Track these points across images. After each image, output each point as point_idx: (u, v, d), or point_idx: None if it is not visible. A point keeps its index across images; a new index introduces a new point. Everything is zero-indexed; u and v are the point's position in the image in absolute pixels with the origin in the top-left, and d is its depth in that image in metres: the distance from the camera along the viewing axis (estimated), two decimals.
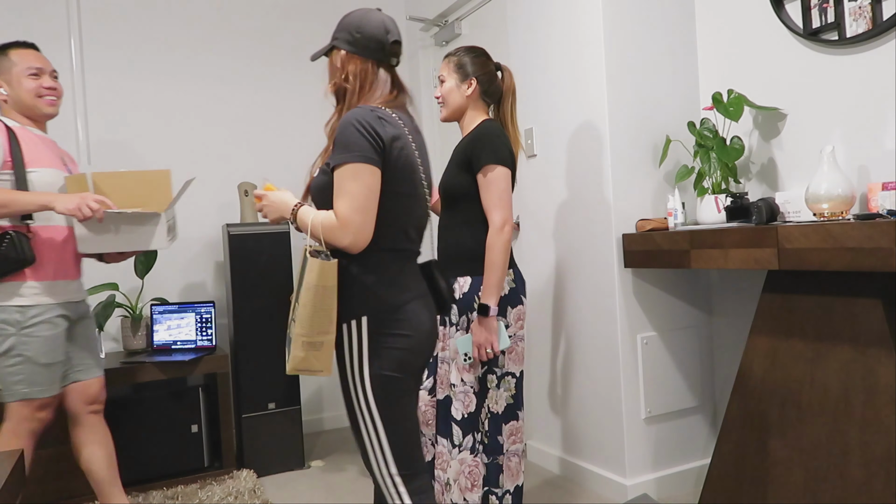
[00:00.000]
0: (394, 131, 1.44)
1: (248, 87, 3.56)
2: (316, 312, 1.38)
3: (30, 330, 2.02)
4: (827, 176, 1.89)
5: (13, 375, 2.01)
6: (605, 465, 2.56)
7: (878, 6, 2.02)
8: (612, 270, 2.47)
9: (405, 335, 1.45)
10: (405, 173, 1.46)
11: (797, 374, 1.99)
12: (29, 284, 2.03)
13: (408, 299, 1.47)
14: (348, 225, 1.38)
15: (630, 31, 2.50)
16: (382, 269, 1.46)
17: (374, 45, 1.51)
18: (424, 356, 1.51)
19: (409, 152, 1.47)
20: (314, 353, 1.41)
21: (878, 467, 1.77)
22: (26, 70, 2.11)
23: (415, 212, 1.51)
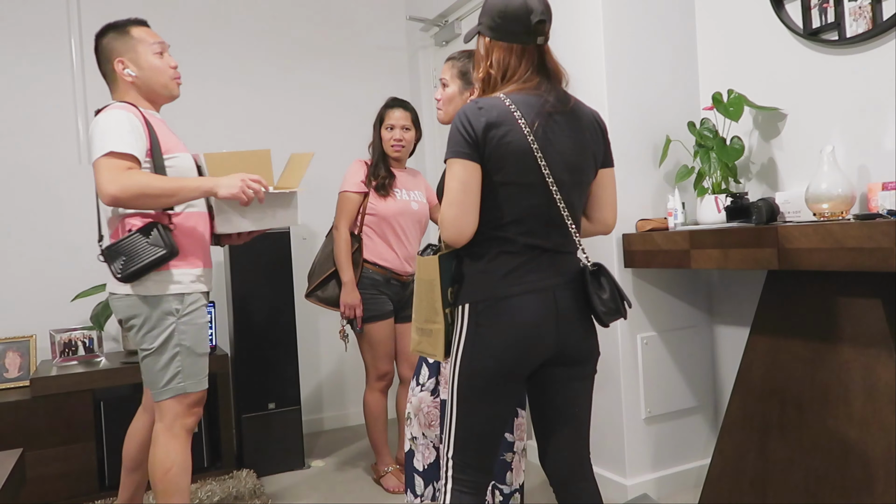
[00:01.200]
0: (492, 120, 1.39)
1: (249, 87, 3.56)
2: (421, 302, 1.50)
3: (188, 318, 1.94)
4: (827, 176, 1.89)
5: (170, 370, 1.92)
6: (605, 465, 2.56)
7: (878, 6, 2.02)
8: (612, 270, 2.46)
9: (501, 329, 1.40)
10: (506, 161, 1.40)
11: (797, 374, 1.99)
12: (185, 272, 1.94)
13: (515, 293, 1.40)
14: (443, 220, 1.40)
15: (630, 31, 2.50)
16: (487, 259, 1.43)
17: (518, 27, 1.44)
18: (527, 353, 1.42)
19: (515, 138, 1.39)
20: (426, 338, 1.51)
21: (878, 467, 1.77)
22: (151, 48, 1.98)
23: (524, 201, 1.42)
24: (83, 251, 3.15)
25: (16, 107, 3.09)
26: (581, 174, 1.50)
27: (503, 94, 1.44)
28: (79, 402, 2.66)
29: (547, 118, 1.44)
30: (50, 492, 2.61)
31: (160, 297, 1.90)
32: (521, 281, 1.41)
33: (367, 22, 3.85)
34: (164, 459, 1.93)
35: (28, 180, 3.10)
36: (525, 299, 1.41)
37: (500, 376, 1.42)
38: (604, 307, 1.44)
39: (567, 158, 1.46)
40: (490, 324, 1.41)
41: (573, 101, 1.52)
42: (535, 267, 1.44)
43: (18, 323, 3.02)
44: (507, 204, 1.42)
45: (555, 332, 1.43)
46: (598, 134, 1.56)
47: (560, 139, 1.45)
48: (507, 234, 1.43)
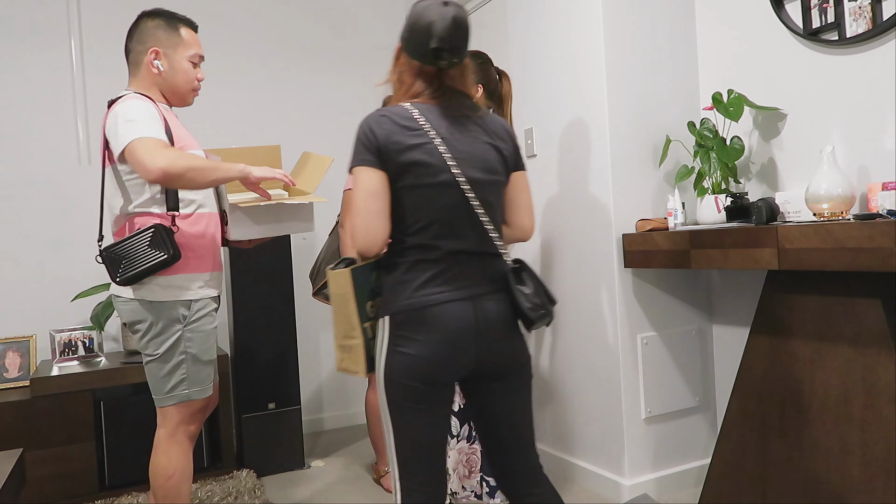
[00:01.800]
0: (396, 126, 1.39)
1: (248, 87, 3.56)
2: (337, 318, 1.46)
3: (195, 325, 1.88)
4: (827, 176, 1.89)
5: (174, 377, 1.87)
6: (604, 465, 2.56)
7: (878, 6, 2.02)
8: (612, 270, 2.47)
9: (420, 341, 1.37)
10: (413, 165, 1.38)
11: (797, 374, 1.99)
12: (192, 277, 1.88)
13: (432, 302, 1.37)
14: (353, 230, 1.40)
15: (630, 31, 2.50)
16: (404, 269, 1.41)
17: (419, 46, 1.43)
18: (449, 365, 1.39)
19: (420, 141, 1.39)
20: (347, 354, 1.47)
21: (878, 467, 1.77)
22: (190, 56, 1.95)
23: (437, 202, 1.40)
24: (83, 251, 3.15)
25: (16, 107, 3.09)
26: (495, 173, 1.47)
27: (409, 104, 1.43)
28: (79, 402, 2.66)
29: (452, 121, 1.44)
30: (50, 492, 2.61)
31: (166, 304, 1.84)
32: (440, 290, 1.38)
33: (367, 22, 3.85)
34: (167, 466, 1.90)
35: (28, 180, 3.10)
36: (444, 309, 1.37)
37: (424, 387, 1.39)
38: (528, 303, 1.41)
39: (478, 157, 1.44)
40: (409, 335, 1.38)
41: (479, 109, 1.51)
42: (456, 274, 1.40)
43: (18, 323, 3.02)
44: (419, 207, 1.40)
45: (475, 343, 1.40)
46: (508, 138, 1.54)
47: (468, 139, 1.44)
48: (424, 239, 1.40)
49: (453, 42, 1.41)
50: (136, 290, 1.84)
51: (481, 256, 1.44)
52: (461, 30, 1.43)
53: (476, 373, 1.45)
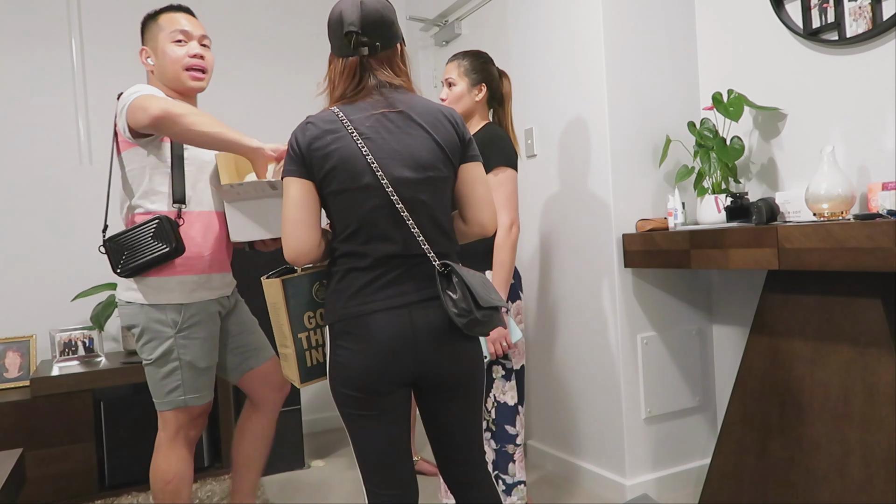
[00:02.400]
0: (318, 133, 1.35)
1: (248, 86, 3.56)
2: (274, 326, 1.49)
3: (188, 331, 1.82)
4: (827, 176, 1.89)
5: (170, 383, 1.83)
6: (604, 464, 2.56)
7: (878, 6, 2.02)
8: (612, 270, 2.47)
9: (356, 350, 1.35)
10: (335, 170, 1.34)
11: (797, 374, 1.99)
12: (185, 279, 1.81)
13: (365, 312, 1.34)
14: (284, 240, 1.38)
15: (630, 31, 2.50)
16: (338, 278, 1.39)
17: (336, 41, 1.41)
18: (383, 375, 1.35)
19: (342, 144, 1.34)
20: (284, 363, 1.50)
21: (878, 467, 1.77)
22: (170, 36, 1.85)
23: (362, 205, 1.35)
24: (83, 251, 3.15)
25: (16, 107, 3.09)
26: (429, 169, 1.38)
27: (336, 107, 1.40)
28: (79, 402, 2.66)
29: (379, 119, 1.38)
30: (50, 492, 2.61)
31: (157, 307, 1.80)
32: (372, 299, 1.35)
33: None
34: (166, 470, 1.88)
35: (28, 180, 3.10)
36: (377, 318, 1.34)
37: (363, 396, 1.37)
38: (455, 308, 1.31)
39: (406, 153, 1.37)
40: (346, 344, 1.36)
41: (413, 101, 1.43)
42: (389, 281, 1.36)
43: (18, 323, 3.02)
44: (345, 212, 1.37)
45: (412, 352, 1.35)
46: (450, 129, 1.43)
47: (397, 137, 1.37)
48: (354, 245, 1.37)
49: (365, 25, 1.37)
50: (131, 293, 1.82)
51: (412, 260, 1.38)
52: (373, 13, 1.38)
53: (421, 380, 1.41)
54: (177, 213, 1.80)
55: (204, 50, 1.92)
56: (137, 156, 1.81)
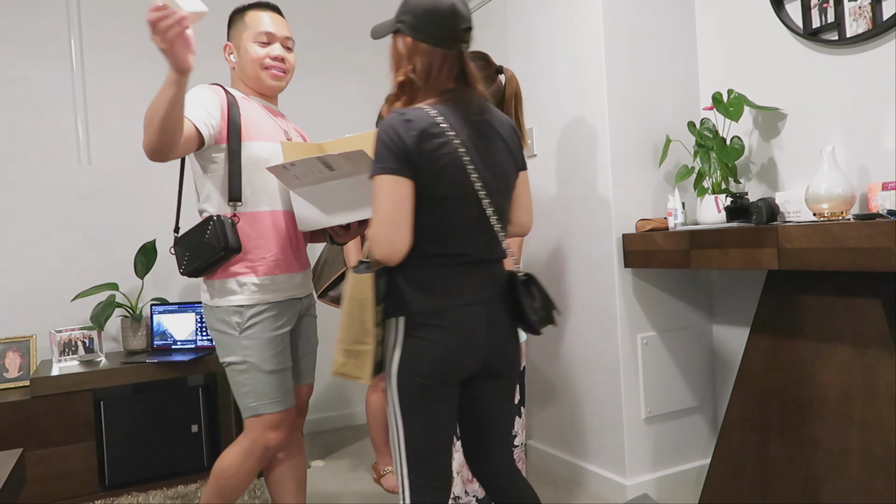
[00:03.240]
0: (422, 132, 1.35)
1: None
2: (352, 322, 1.41)
3: (249, 332, 1.77)
4: (827, 176, 1.89)
5: (242, 386, 1.78)
6: (605, 465, 2.56)
7: (878, 6, 2.02)
8: (612, 270, 2.47)
9: (436, 341, 1.39)
10: (441, 174, 1.37)
11: (797, 374, 1.99)
12: (245, 280, 1.77)
13: (453, 306, 1.40)
14: (375, 239, 1.35)
15: (630, 32, 2.50)
16: (423, 274, 1.41)
17: (444, 32, 1.40)
18: (460, 365, 1.42)
19: (449, 150, 1.37)
20: (353, 360, 1.44)
21: (878, 467, 1.77)
22: (254, 36, 1.85)
23: (460, 213, 1.41)
24: (83, 251, 3.16)
25: (16, 108, 3.09)
26: (508, 180, 1.50)
27: (426, 105, 1.40)
28: (79, 402, 2.66)
29: (472, 127, 1.42)
30: (50, 492, 2.61)
31: (222, 309, 1.78)
32: (457, 294, 1.41)
33: (367, 22, 3.84)
34: (228, 468, 1.79)
35: (28, 181, 3.09)
36: (462, 311, 1.41)
37: (435, 386, 1.41)
38: (535, 315, 1.46)
39: (495, 165, 1.45)
40: (425, 336, 1.39)
41: (490, 108, 1.50)
42: (470, 279, 1.44)
43: (18, 323, 3.02)
44: (443, 218, 1.40)
45: (487, 344, 1.44)
46: (516, 139, 1.55)
47: (486, 147, 1.44)
48: (446, 248, 1.41)
49: (470, 20, 1.44)
50: (203, 295, 1.84)
51: (491, 263, 1.49)
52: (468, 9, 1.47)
53: (478, 374, 1.47)
54: (232, 212, 1.76)
55: (286, 52, 1.90)
56: (200, 158, 1.81)
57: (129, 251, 3.11)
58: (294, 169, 1.69)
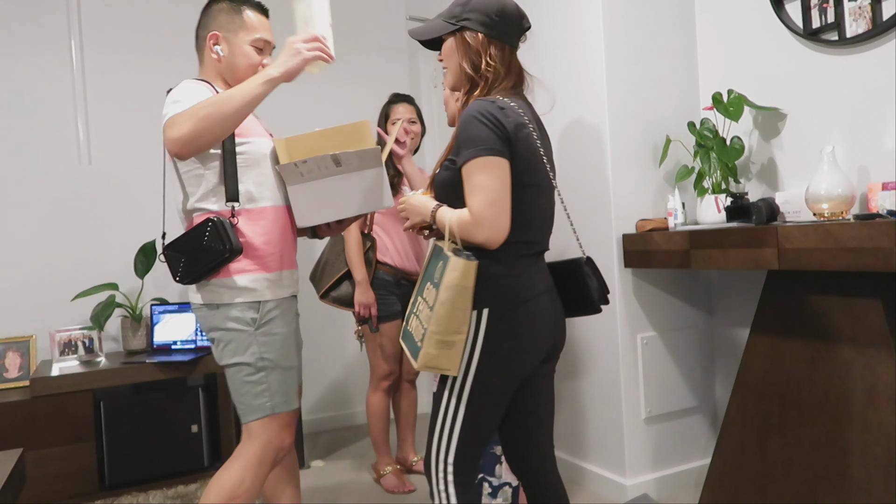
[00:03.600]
0: (518, 120, 1.41)
1: None
2: (454, 312, 1.36)
3: (266, 328, 1.71)
4: (827, 176, 1.89)
5: (255, 388, 1.69)
6: (605, 465, 2.56)
7: (878, 6, 2.02)
8: (612, 270, 2.47)
9: (521, 333, 1.42)
10: (530, 163, 1.43)
11: (797, 374, 1.99)
12: (257, 277, 1.72)
13: (532, 295, 1.44)
14: (482, 220, 1.35)
15: (630, 31, 2.50)
16: (511, 262, 1.42)
17: (513, 29, 1.48)
18: (539, 355, 1.48)
19: (533, 141, 1.44)
20: (446, 351, 1.39)
21: (878, 467, 1.77)
22: (252, 39, 1.81)
23: (540, 202, 1.48)
24: (83, 251, 3.16)
25: (16, 107, 3.09)
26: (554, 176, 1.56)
27: (503, 98, 1.44)
28: (79, 402, 2.66)
29: (536, 121, 1.51)
30: (50, 492, 2.61)
31: (233, 306, 1.70)
32: (534, 283, 1.45)
33: (366, 22, 3.85)
34: (236, 484, 1.67)
35: (28, 181, 3.10)
36: (539, 302, 1.45)
37: (516, 378, 1.45)
38: (596, 296, 1.55)
39: (551, 161, 1.53)
40: (510, 328, 1.41)
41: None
42: (540, 269, 1.50)
43: (18, 323, 3.02)
44: (529, 206, 1.44)
45: (553, 332, 1.50)
46: None
47: (544, 141, 1.51)
48: (523, 235, 1.44)
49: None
50: (203, 294, 1.73)
51: (545, 252, 1.55)
52: None
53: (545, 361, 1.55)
54: (230, 212, 1.71)
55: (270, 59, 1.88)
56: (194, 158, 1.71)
57: (129, 251, 3.11)
58: (304, 166, 1.69)
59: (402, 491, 2.70)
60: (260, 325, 1.71)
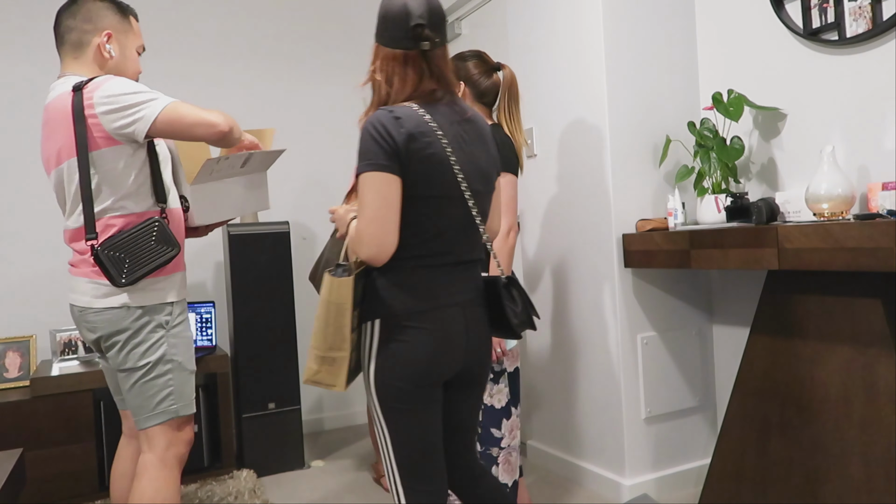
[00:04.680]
0: (413, 130, 1.33)
1: (245, 90, 3.56)
2: (327, 328, 1.37)
3: (176, 330, 1.72)
4: (827, 176, 1.89)
5: (161, 390, 1.69)
6: (604, 464, 2.56)
7: (878, 6, 2.02)
8: (612, 270, 2.47)
9: (414, 343, 1.37)
10: (428, 175, 1.35)
11: (797, 374, 1.99)
12: (172, 277, 1.73)
13: (431, 307, 1.38)
14: (363, 238, 1.33)
15: (630, 31, 2.50)
16: (405, 276, 1.38)
17: (398, 33, 1.38)
18: (441, 367, 1.40)
19: (435, 151, 1.35)
20: (327, 367, 1.39)
21: (878, 467, 1.77)
22: (137, 46, 1.83)
23: (446, 214, 1.40)
24: None
25: (17, 108, 3.09)
26: (490, 182, 1.49)
27: (415, 105, 1.38)
28: (79, 402, 2.66)
29: (459, 127, 1.42)
30: (50, 492, 2.61)
31: (150, 308, 1.68)
32: (437, 295, 1.39)
33: (365, 22, 3.84)
34: (154, 496, 1.67)
35: (28, 180, 3.09)
36: (441, 313, 1.39)
37: (416, 390, 1.39)
38: (517, 319, 1.45)
39: (479, 167, 1.44)
40: (403, 339, 1.37)
41: (472, 111, 1.50)
42: (450, 280, 1.42)
43: (18, 323, 3.02)
44: (430, 218, 1.38)
45: (464, 346, 1.43)
46: (495, 144, 1.54)
47: (471, 148, 1.43)
48: (430, 248, 1.39)
49: (431, 19, 1.38)
50: (112, 298, 1.67)
51: (472, 265, 1.48)
52: (437, 8, 1.41)
53: (458, 374, 1.46)
54: (160, 211, 1.71)
55: None
56: (120, 154, 1.66)
57: None
58: (223, 163, 1.76)
59: None
60: (172, 326, 1.72)
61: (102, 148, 1.65)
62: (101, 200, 1.67)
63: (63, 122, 1.65)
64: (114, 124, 1.63)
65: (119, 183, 1.67)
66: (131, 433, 1.92)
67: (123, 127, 1.63)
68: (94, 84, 1.65)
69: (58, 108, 1.67)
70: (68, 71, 1.75)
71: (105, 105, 1.62)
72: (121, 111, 1.62)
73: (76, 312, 1.77)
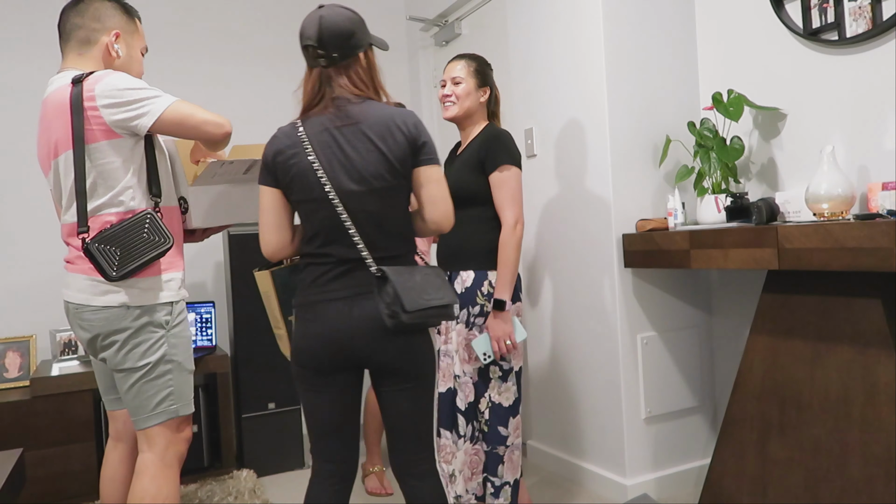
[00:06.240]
0: (276, 147, 1.53)
1: (246, 86, 3.55)
2: (268, 312, 1.74)
3: (176, 330, 1.72)
4: (827, 176, 1.89)
5: (161, 390, 1.69)
6: (605, 464, 2.56)
7: (878, 6, 2.02)
8: (612, 270, 2.47)
9: (307, 331, 1.53)
10: (294, 182, 1.51)
11: (797, 374, 1.99)
12: (172, 276, 1.73)
13: (318, 300, 1.52)
14: (260, 239, 1.58)
15: (630, 32, 2.50)
16: (304, 272, 1.58)
17: (303, 53, 1.56)
18: (324, 355, 1.52)
19: (298, 161, 1.50)
20: (280, 343, 1.74)
21: (878, 467, 1.77)
22: (141, 48, 1.85)
23: (316, 215, 1.52)
24: None
25: (17, 109, 3.09)
26: (377, 181, 1.49)
27: (299, 121, 1.54)
28: (79, 402, 2.66)
29: (331, 134, 1.50)
30: (50, 492, 2.61)
31: (150, 307, 1.68)
32: (322, 290, 1.53)
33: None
34: (156, 494, 1.68)
35: (28, 181, 3.09)
36: (323, 306, 1.52)
37: (310, 372, 1.55)
38: (387, 310, 1.48)
39: (355, 168, 1.49)
40: (301, 326, 1.55)
41: (368, 112, 1.52)
42: (336, 277, 1.53)
43: (18, 323, 3.02)
44: (306, 220, 1.56)
45: (349, 338, 1.50)
46: (400, 139, 1.52)
47: (346, 151, 1.49)
48: (313, 247, 1.55)
49: (322, 38, 1.51)
50: (111, 296, 1.66)
51: (354, 263, 1.52)
52: (331, 27, 1.51)
53: (369, 366, 1.56)
54: (154, 206, 1.70)
55: None
56: (121, 148, 1.65)
57: None
58: (227, 166, 1.82)
59: (380, 494, 2.70)
60: (172, 326, 1.72)
61: (101, 141, 1.63)
62: (97, 196, 1.66)
63: (61, 114, 1.64)
64: (115, 117, 1.62)
65: (115, 178, 1.66)
66: (118, 436, 1.93)
67: (126, 120, 1.63)
68: (95, 77, 1.64)
69: (56, 101, 1.66)
70: (70, 66, 1.74)
71: (107, 98, 1.62)
72: (124, 105, 1.62)
73: (71, 309, 1.74)
